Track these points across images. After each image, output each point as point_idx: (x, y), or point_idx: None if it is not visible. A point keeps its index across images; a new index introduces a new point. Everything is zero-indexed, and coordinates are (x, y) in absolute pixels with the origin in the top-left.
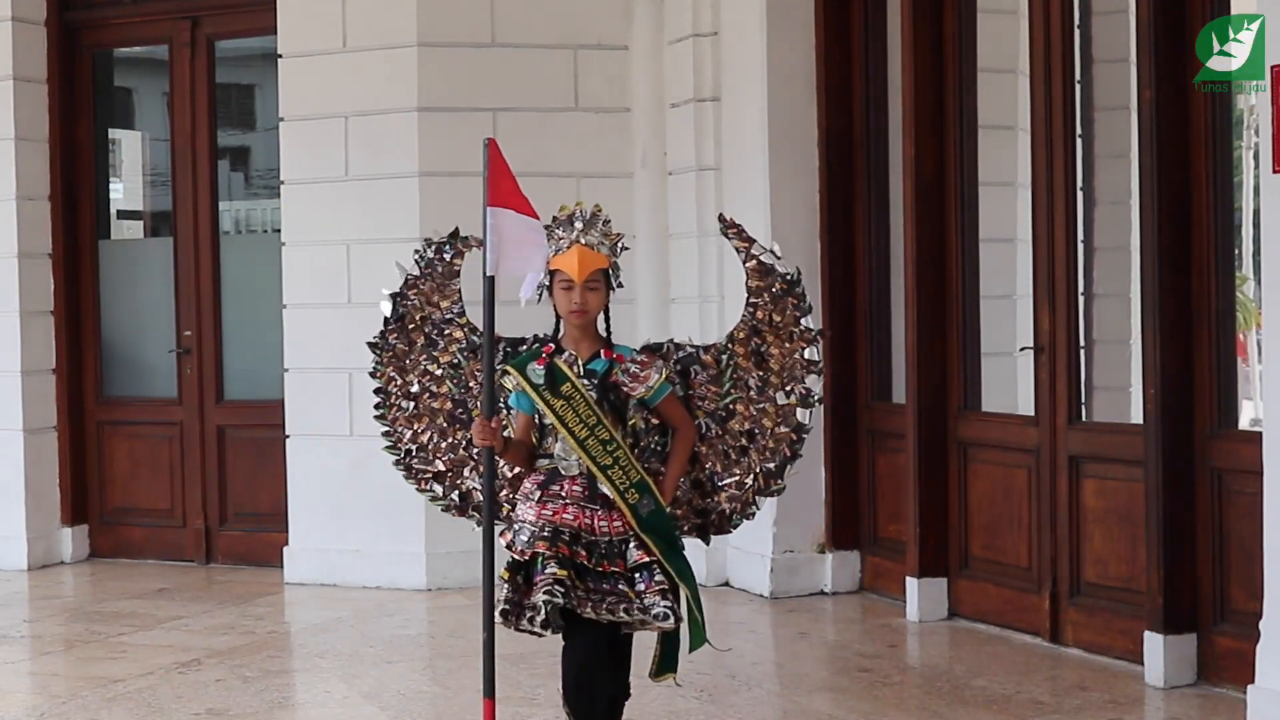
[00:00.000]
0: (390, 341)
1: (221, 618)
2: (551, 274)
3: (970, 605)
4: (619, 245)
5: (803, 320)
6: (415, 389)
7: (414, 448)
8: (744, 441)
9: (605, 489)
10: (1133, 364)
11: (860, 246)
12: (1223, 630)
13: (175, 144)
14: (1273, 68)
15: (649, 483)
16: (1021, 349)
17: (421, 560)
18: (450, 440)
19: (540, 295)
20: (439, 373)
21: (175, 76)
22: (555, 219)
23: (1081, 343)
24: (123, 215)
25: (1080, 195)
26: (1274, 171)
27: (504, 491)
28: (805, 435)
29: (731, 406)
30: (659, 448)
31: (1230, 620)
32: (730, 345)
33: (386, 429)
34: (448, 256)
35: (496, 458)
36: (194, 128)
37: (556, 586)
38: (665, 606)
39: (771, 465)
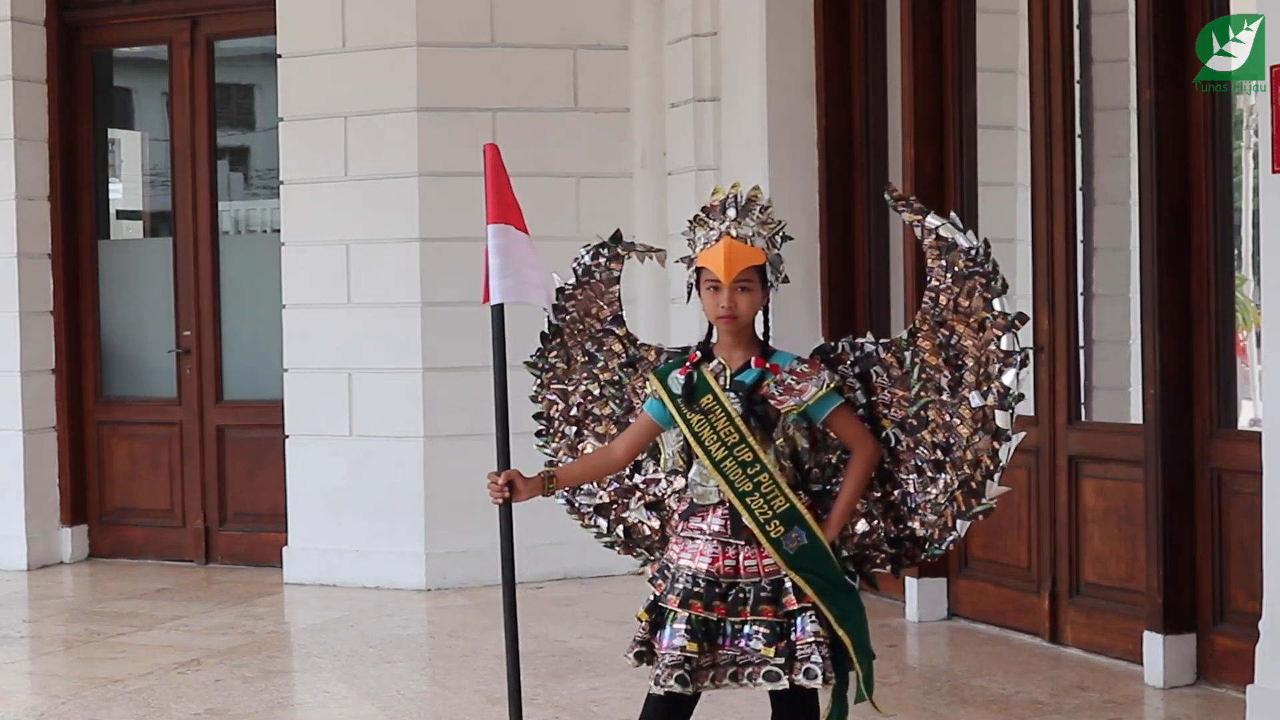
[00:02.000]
0: (550, 361)
1: (221, 618)
2: (698, 272)
3: (970, 605)
4: (779, 235)
5: (995, 302)
6: (576, 413)
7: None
8: (939, 455)
9: (745, 520)
10: (1132, 364)
11: (860, 246)
12: (1222, 630)
13: (175, 144)
14: (1273, 68)
15: (800, 512)
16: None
17: (421, 560)
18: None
19: (689, 295)
20: (598, 392)
21: (175, 76)
22: (706, 207)
23: (1081, 343)
24: (122, 215)
25: (1080, 195)
26: (1274, 171)
27: (669, 528)
28: (1010, 443)
29: (923, 413)
30: (843, 464)
31: (1230, 620)
32: (913, 340)
33: (551, 459)
34: (605, 260)
35: (562, 488)
36: (193, 128)
37: (680, 672)
38: (816, 663)
39: (972, 482)
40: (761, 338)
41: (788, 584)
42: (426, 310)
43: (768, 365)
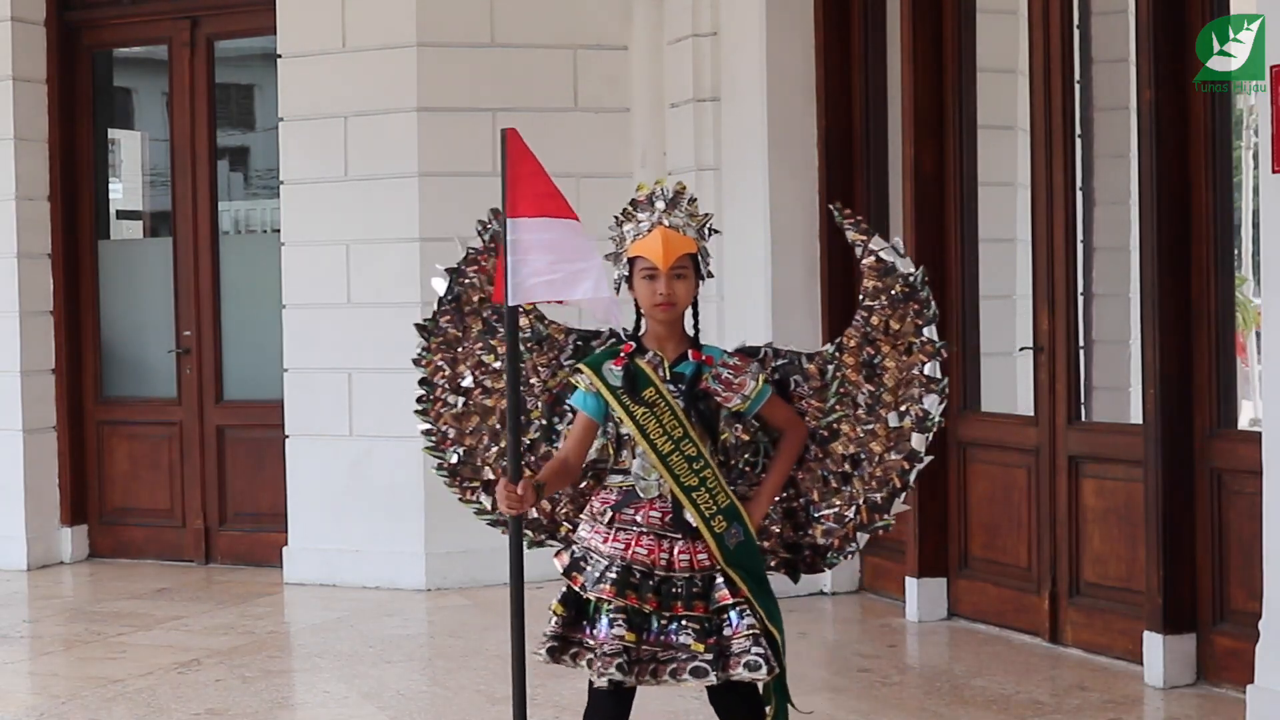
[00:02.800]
0: (442, 325)
1: (221, 618)
2: (631, 262)
3: (970, 605)
4: (707, 227)
5: (925, 329)
6: (467, 382)
7: (461, 451)
8: (847, 467)
9: (689, 515)
10: (1132, 364)
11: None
12: (1222, 630)
13: (175, 144)
14: (1273, 68)
15: (739, 509)
16: (1021, 349)
17: (421, 560)
18: (502, 446)
19: (619, 288)
20: (496, 365)
21: (175, 76)
22: (634, 201)
23: (1081, 343)
24: (122, 215)
25: (1080, 195)
26: (1274, 171)
27: (562, 506)
28: (920, 464)
29: (835, 426)
30: (749, 468)
31: (1230, 620)
32: (838, 355)
33: (429, 426)
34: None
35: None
36: (193, 128)
37: (620, 660)
38: (758, 654)
39: (878, 497)
40: (692, 330)
41: (719, 579)
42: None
43: (705, 358)
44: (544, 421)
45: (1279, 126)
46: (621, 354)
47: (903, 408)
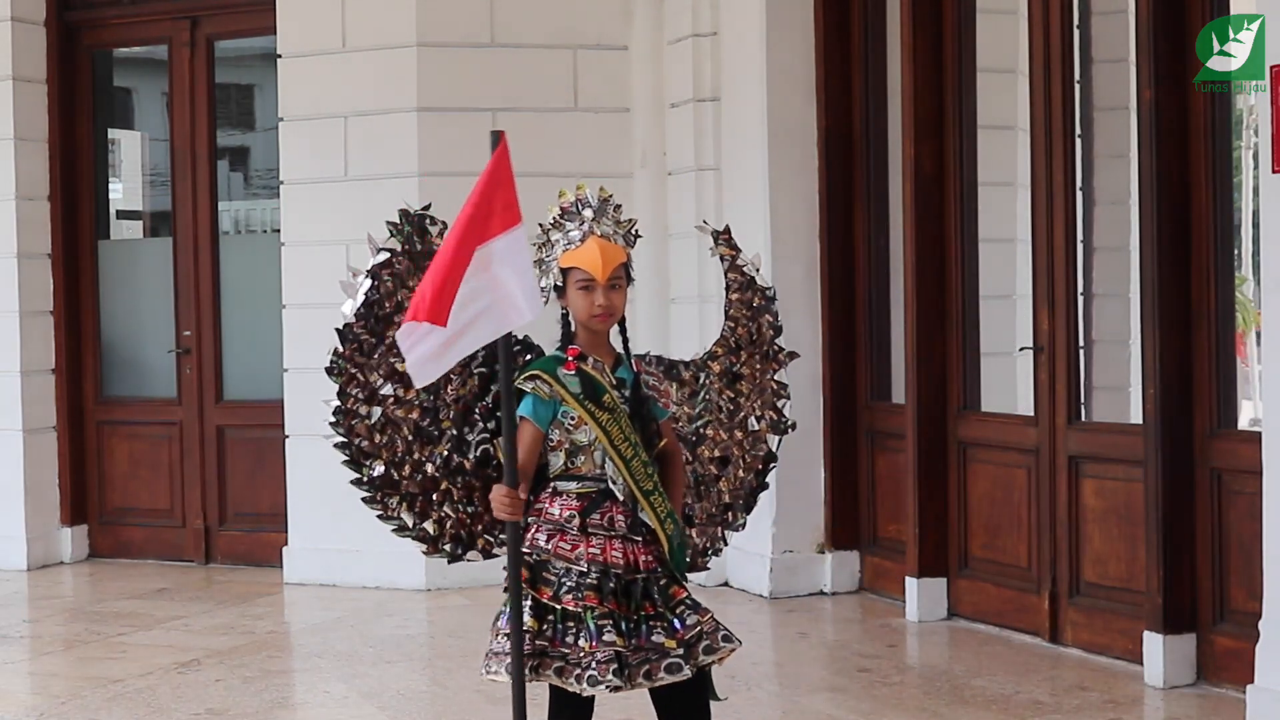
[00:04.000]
0: (355, 332)
1: (221, 618)
2: (564, 272)
3: (970, 605)
4: (633, 233)
5: (778, 340)
6: (384, 391)
7: (380, 465)
8: (714, 470)
9: (646, 517)
10: (1132, 364)
11: (860, 246)
12: (1222, 630)
13: (175, 144)
14: (1272, 68)
15: (675, 512)
16: (1021, 349)
17: (421, 560)
18: (415, 458)
19: (546, 298)
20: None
21: (175, 76)
22: (561, 208)
23: (1081, 343)
24: (122, 215)
25: (1080, 195)
26: (1274, 171)
27: (479, 523)
28: (773, 466)
29: (702, 430)
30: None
31: (1230, 620)
32: (708, 363)
33: (342, 439)
34: (433, 233)
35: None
36: (193, 128)
37: (614, 667)
38: (723, 635)
39: (740, 497)
40: (620, 338)
41: (664, 580)
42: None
43: (640, 367)
44: (454, 431)
45: (1279, 126)
46: (570, 360)
47: (758, 412)
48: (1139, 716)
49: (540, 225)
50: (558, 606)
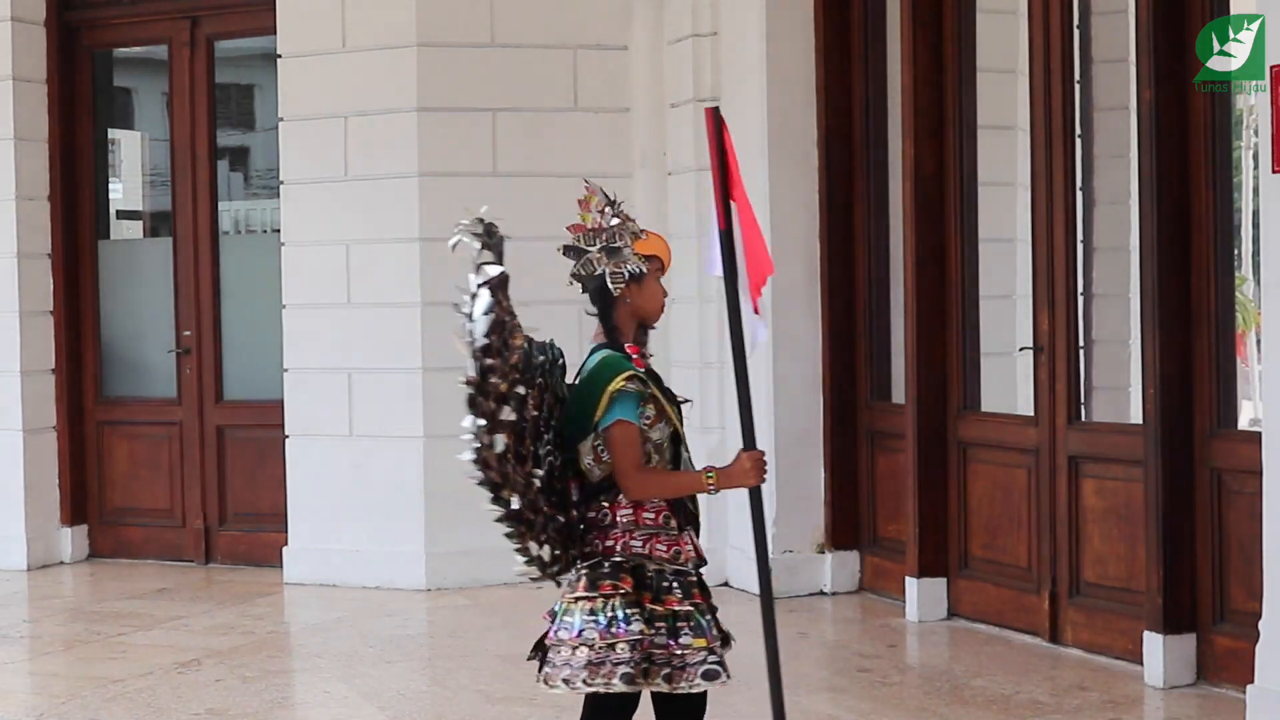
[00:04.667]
0: (490, 355)
1: (221, 618)
2: (645, 261)
3: (970, 605)
4: None
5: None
6: (507, 416)
7: (518, 497)
8: None
9: (695, 511)
10: (1132, 364)
11: (860, 246)
12: (1222, 630)
13: (175, 144)
14: (1273, 68)
15: None
16: (1021, 349)
17: (420, 560)
18: (521, 482)
19: (621, 286)
20: (521, 391)
21: (175, 76)
22: (610, 200)
23: (1081, 343)
24: (122, 215)
25: (1080, 195)
26: (1274, 171)
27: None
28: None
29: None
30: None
31: (1230, 620)
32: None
33: (480, 474)
34: (506, 244)
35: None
36: (193, 128)
37: (642, 666)
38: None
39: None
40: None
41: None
42: (426, 310)
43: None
44: (536, 450)
45: (1279, 126)
46: (636, 358)
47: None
48: (1139, 716)
49: (619, 210)
50: (661, 609)
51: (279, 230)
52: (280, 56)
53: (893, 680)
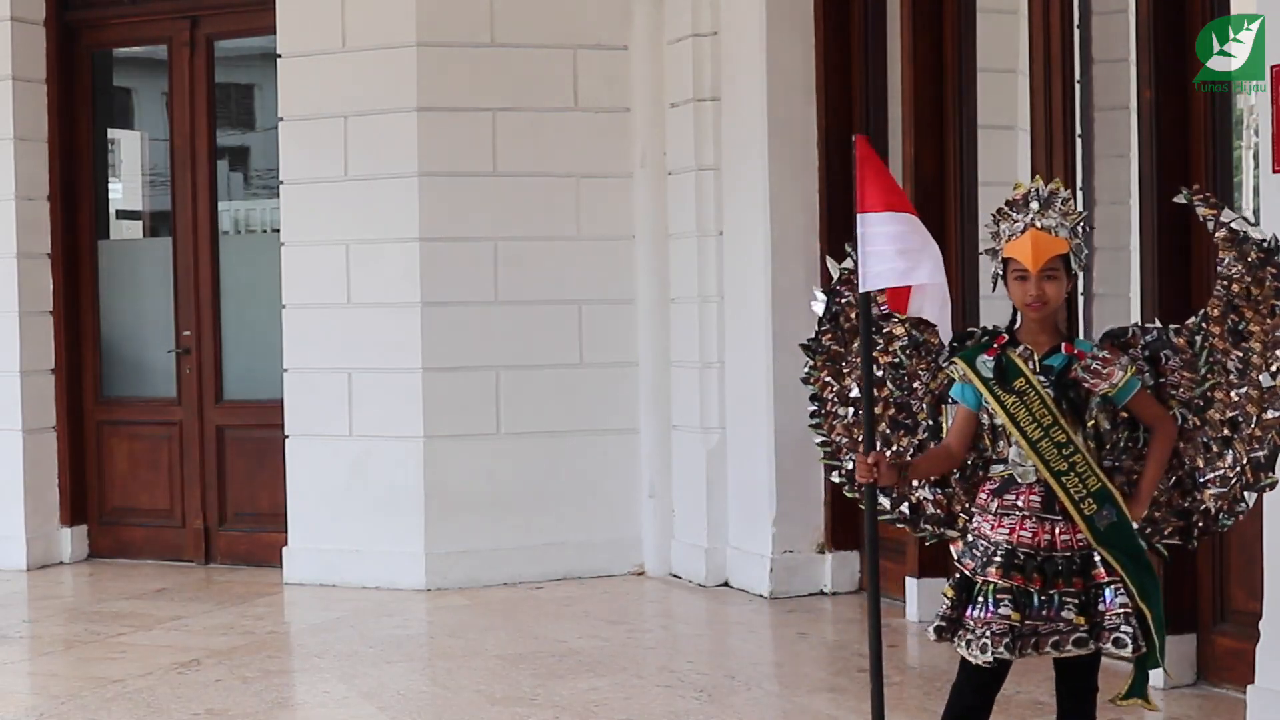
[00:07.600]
0: (824, 344)
1: (221, 618)
2: (1005, 263)
3: None
4: (1080, 225)
5: None
6: (855, 394)
7: (852, 461)
8: (1226, 431)
9: (1060, 497)
10: None
11: None
12: (1223, 630)
13: (174, 144)
14: (1273, 68)
15: (1110, 491)
16: None
17: (421, 560)
18: (895, 448)
19: (995, 284)
20: (879, 374)
21: (174, 76)
22: (1009, 201)
23: None
24: (122, 215)
25: (1080, 195)
26: (1274, 171)
27: (958, 501)
28: None
29: (1210, 394)
30: (1131, 444)
31: (1230, 620)
32: (1204, 325)
33: (823, 439)
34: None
35: (912, 480)
36: (193, 128)
37: (1008, 639)
38: (1126, 632)
39: (1260, 455)
40: (1064, 326)
41: (1096, 558)
42: (426, 310)
43: (1075, 352)
44: (930, 422)
45: (1279, 126)
46: (995, 346)
47: (1273, 368)
48: (1139, 717)
49: (992, 215)
50: (976, 580)
51: (279, 230)
52: (280, 56)
53: (893, 680)
